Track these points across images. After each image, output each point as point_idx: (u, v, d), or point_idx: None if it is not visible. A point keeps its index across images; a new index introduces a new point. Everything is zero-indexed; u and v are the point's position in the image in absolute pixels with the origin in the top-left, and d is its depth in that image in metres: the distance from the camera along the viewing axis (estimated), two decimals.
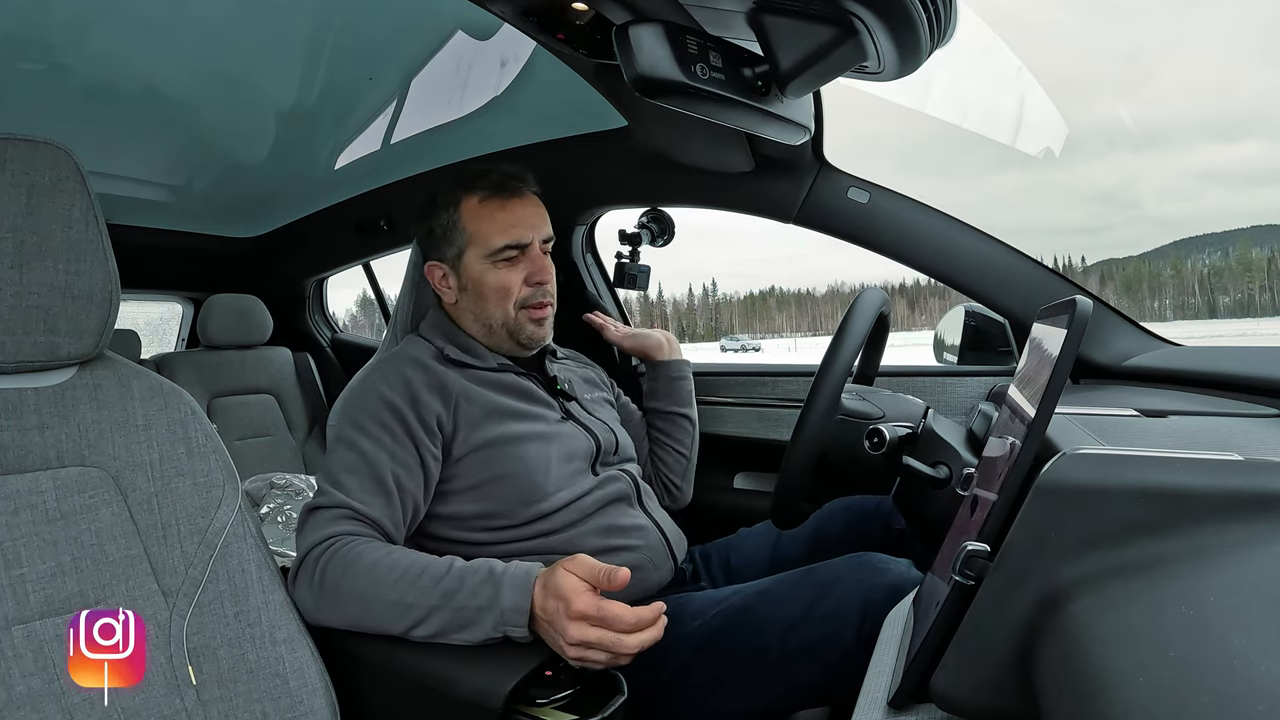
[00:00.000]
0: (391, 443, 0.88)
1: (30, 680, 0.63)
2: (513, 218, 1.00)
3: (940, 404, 1.35)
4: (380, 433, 0.89)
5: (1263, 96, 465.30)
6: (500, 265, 1.00)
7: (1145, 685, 0.29)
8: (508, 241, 0.99)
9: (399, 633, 0.75)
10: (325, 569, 0.78)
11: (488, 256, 1.00)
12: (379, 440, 0.88)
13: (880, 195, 1.30)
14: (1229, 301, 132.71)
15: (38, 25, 1.13)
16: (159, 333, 2.65)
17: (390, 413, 0.90)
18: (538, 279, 1.00)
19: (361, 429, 0.89)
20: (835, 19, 0.69)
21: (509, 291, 1.00)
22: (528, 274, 1.00)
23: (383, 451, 0.88)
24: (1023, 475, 0.43)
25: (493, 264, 1.00)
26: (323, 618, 0.78)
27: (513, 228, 0.99)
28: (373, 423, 0.89)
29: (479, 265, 1.00)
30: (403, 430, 0.89)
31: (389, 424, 0.89)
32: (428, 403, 0.92)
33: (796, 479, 0.88)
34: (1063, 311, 0.49)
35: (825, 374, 0.87)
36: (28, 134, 0.69)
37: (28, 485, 0.68)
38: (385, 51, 1.30)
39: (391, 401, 0.91)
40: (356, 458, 0.87)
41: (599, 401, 1.14)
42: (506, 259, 1.00)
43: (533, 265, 1.00)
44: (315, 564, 0.79)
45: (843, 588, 0.82)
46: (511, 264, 1.00)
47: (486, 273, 1.00)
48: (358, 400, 0.93)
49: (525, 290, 1.00)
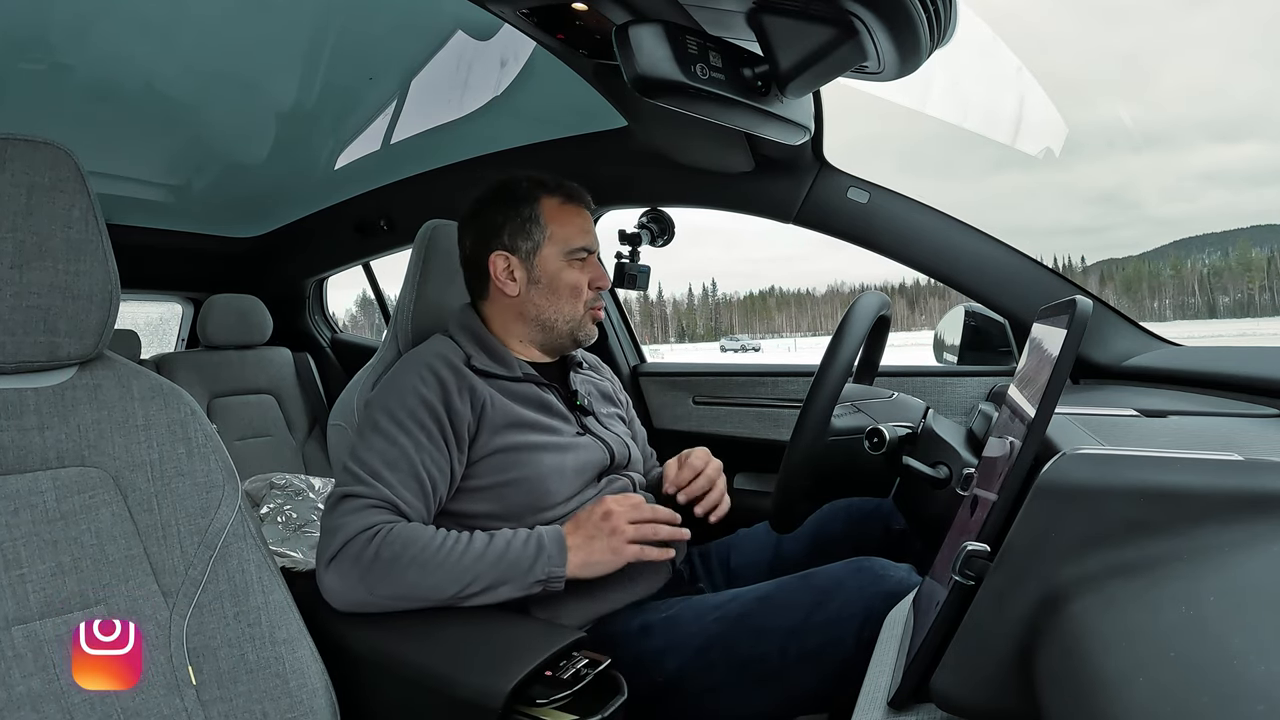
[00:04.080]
0: (428, 441, 0.91)
1: (30, 680, 0.63)
2: (584, 224, 1.06)
3: (940, 404, 1.35)
4: (418, 431, 0.91)
5: (1263, 97, 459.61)
6: (574, 265, 1.04)
7: (1145, 685, 0.29)
8: (584, 245, 1.05)
9: (451, 595, 0.82)
10: (380, 547, 0.82)
11: (566, 254, 1.04)
12: (416, 438, 0.91)
13: (880, 195, 1.30)
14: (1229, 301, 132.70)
15: (38, 25, 1.13)
16: (159, 333, 2.65)
17: (428, 412, 0.92)
18: (599, 283, 1.06)
19: (400, 424, 0.91)
20: (835, 19, 0.69)
21: (581, 290, 1.05)
22: (592, 278, 1.06)
23: (421, 450, 0.91)
24: (1023, 475, 0.43)
25: (568, 262, 1.04)
26: (369, 594, 0.81)
27: (587, 233, 1.06)
28: (411, 420, 0.92)
29: (557, 262, 1.04)
30: (438, 430, 0.92)
31: (426, 423, 0.92)
32: (459, 408, 0.95)
33: (795, 484, 0.88)
34: (1063, 311, 0.49)
35: (820, 383, 0.86)
36: (28, 134, 0.69)
37: (28, 485, 0.68)
38: (385, 51, 1.31)
39: (429, 401, 0.93)
40: (398, 453, 0.90)
41: (612, 417, 1.14)
42: (579, 260, 1.05)
43: (595, 271, 1.06)
44: (366, 546, 0.82)
45: (843, 594, 0.82)
46: (583, 266, 1.05)
47: (563, 270, 1.04)
48: (396, 395, 0.94)
49: (589, 293, 1.06)
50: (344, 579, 0.82)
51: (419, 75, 1.38)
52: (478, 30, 1.22)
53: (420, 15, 1.19)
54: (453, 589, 0.82)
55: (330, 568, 0.82)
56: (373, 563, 0.81)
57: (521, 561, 0.85)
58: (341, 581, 0.82)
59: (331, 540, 0.83)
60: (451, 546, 0.84)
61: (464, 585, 0.82)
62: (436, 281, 1.12)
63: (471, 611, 0.83)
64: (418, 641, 0.79)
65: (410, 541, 0.83)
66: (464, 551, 0.84)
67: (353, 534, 0.83)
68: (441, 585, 0.82)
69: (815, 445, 0.86)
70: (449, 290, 1.12)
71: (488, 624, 0.82)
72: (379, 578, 0.81)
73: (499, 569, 0.84)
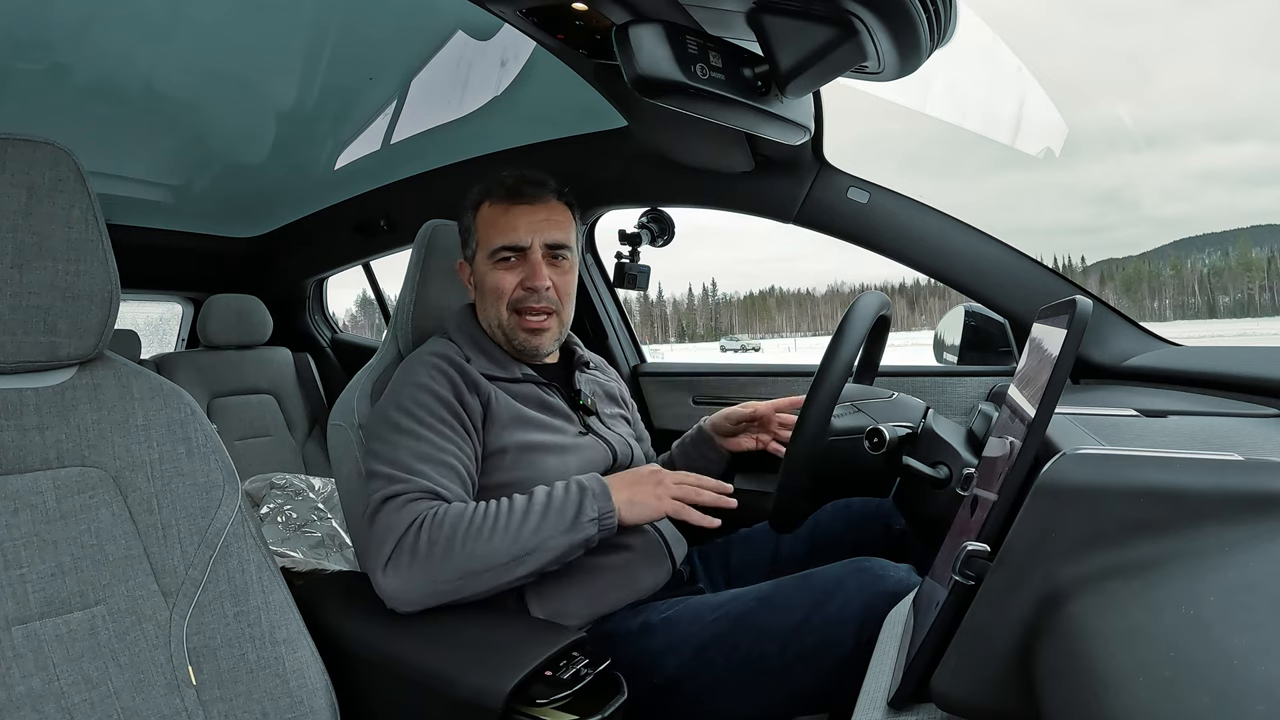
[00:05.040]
0: (451, 433, 0.92)
1: (30, 680, 0.63)
2: (513, 222, 1.01)
3: (940, 404, 1.35)
4: (440, 424, 0.92)
5: (1262, 98, 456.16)
6: (498, 266, 1.02)
7: (1145, 685, 0.29)
8: (504, 243, 1.01)
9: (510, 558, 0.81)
10: (431, 532, 0.81)
11: (489, 257, 1.02)
12: (440, 430, 0.91)
13: (880, 195, 1.30)
14: (1229, 301, 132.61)
15: (38, 25, 1.13)
16: (159, 333, 2.65)
17: (444, 406, 0.93)
18: (529, 283, 1.01)
19: (420, 420, 0.91)
20: (835, 19, 0.69)
21: (502, 292, 1.02)
22: (523, 278, 1.02)
23: (447, 440, 0.91)
24: (1023, 475, 0.43)
25: (492, 265, 1.02)
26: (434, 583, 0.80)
27: (511, 230, 1.01)
28: (430, 415, 0.92)
29: (483, 266, 1.03)
30: (456, 422, 0.93)
31: (445, 416, 0.92)
32: (470, 401, 0.95)
33: (795, 484, 0.88)
34: (1063, 311, 0.49)
35: (820, 383, 0.86)
36: (28, 134, 0.69)
37: (28, 485, 0.68)
38: (385, 51, 1.30)
39: (443, 396, 0.94)
40: (428, 447, 0.89)
41: (615, 417, 1.14)
42: (503, 260, 1.02)
43: (529, 269, 1.01)
44: (418, 538, 0.81)
45: (843, 594, 0.82)
46: (509, 266, 1.02)
47: (487, 273, 1.03)
48: (410, 394, 0.94)
49: (519, 293, 1.02)
50: (406, 578, 0.80)
51: (419, 75, 1.38)
52: (478, 30, 1.22)
53: (420, 15, 1.19)
54: (511, 550, 0.81)
55: (388, 571, 0.81)
56: (430, 550, 0.80)
57: (568, 507, 0.84)
58: (404, 580, 0.80)
59: (383, 544, 0.82)
60: (497, 510, 0.84)
61: (522, 545, 0.82)
62: (436, 281, 1.12)
63: (471, 611, 0.83)
64: (418, 641, 0.79)
65: (459, 518, 0.83)
66: (510, 510, 0.84)
67: (403, 531, 0.82)
68: (499, 550, 0.81)
69: (815, 445, 0.86)
70: (449, 290, 1.12)
71: (488, 624, 0.82)
72: (439, 562, 0.80)
73: (549, 519, 0.83)
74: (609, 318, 1.75)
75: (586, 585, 0.94)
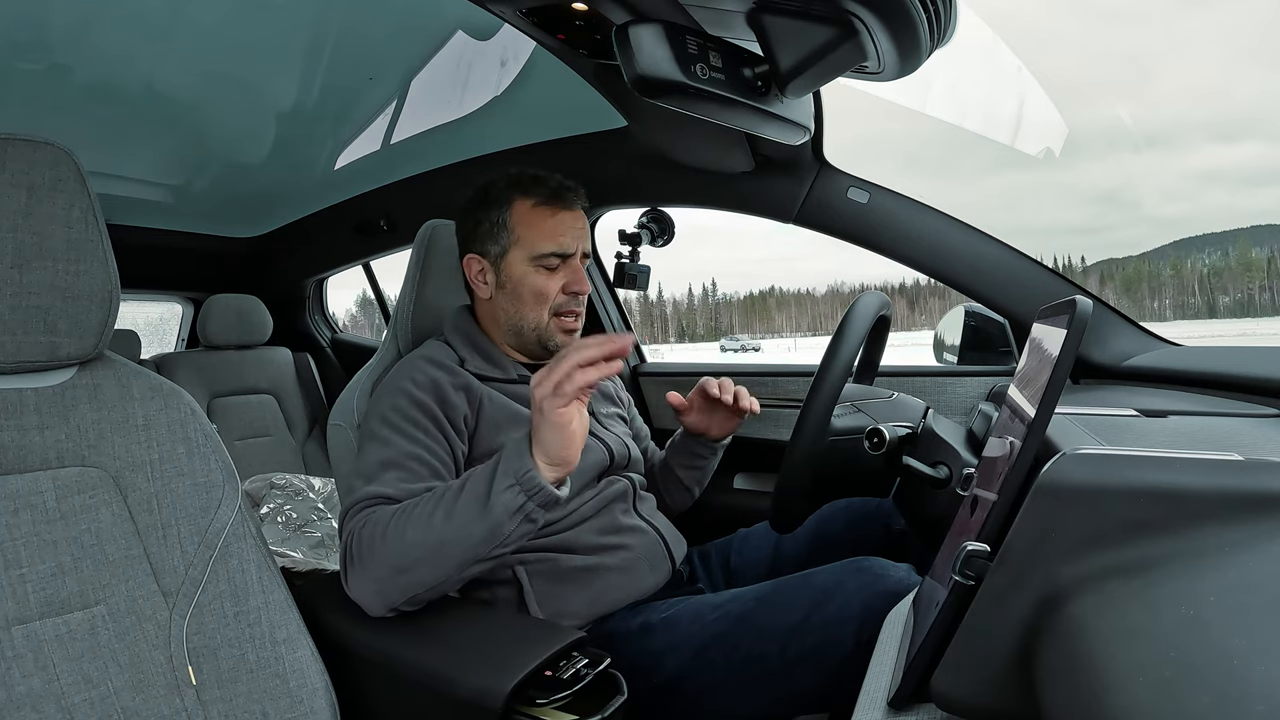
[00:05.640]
0: (424, 436, 0.91)
1: (30, 680, 0.63)
2: (561, 226, 1.02)
3: (940, 404, 1.35)
4: (413, 428, 0.91)
5: (1262, 98, 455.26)
6: (541, 270, 1.02)
7: (1145, 685, 0.29)
8: (553, 249, 1.01)
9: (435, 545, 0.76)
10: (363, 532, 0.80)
11: (531, 260, 1.01)
12: (411, 434, 0.90)
13: (880, 195, 1.30)
14: (1229, 301, 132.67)
15: (38, 25, 1.13)
16: (159, 333, 2.65)
17: (420, 410, 0.92)
18: (574, 288, 1.02)
19: (394, 426, 0.91)
20: (835, 19, 0.69)
21: (546, 296, 1.01)
22: (566, 282, 1.02)
23: (416, 444, 0.90)
24: (1023, 475, 0.43)
25: (534, 268, 1.02)
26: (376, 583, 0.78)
27: (560, 236, 1.01)
28: (405, 420, 0.91)
29: (521, 267, 1.02)
30: (432, 424, 0.92)
31: (420, 420, 0.92)
32: (455, 403, 0.94)
33: (795, 484, 0.88)
34: (1063, 311, 0.49)
35: (820, 383, 0.86)
36: (28, 134, 0.69)
37: (27, 485, 0.68)
38: (385, 51, 1.30)
39: (420, 400, 0.93)
40: (393, 453, 0.89)
41: (612, 417, 1.14)
42: (548, 265, 1.02)
43: (572, 275, 1.03)
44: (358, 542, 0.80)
45: (843, 594, 0.82)
46: (552, 271, 1.02)
47: (527, 275, 1.02)
48: (389, 400, 0.94)
49: (561, 298, 1.02)
50: (357, 580, 0.79)
51: (419, 75, 1.38)
52: (478, 30, 1.22)
53: (420, 15, 1.19)
54: (434, 537, 0.76)
55: (347, 578, 0.81)
56: (363, 550, 0.79)
57: (482, 480, 0.77)
58: (356, 583, 0.80)
59: (342, 553, 0.82)
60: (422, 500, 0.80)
61: (445, 531, 0.76)
62: (436, 281, 1.12)
63: (471, 611, 0.83)
64: (418, 641, 0.79)
65: (391, 514, 0.80)
66: (431, 496, 0.80)
67: (348, 537, 0.82)
68: (422, 537, 0.77)
69: (815, 445, 0.86)
70: (449, 290, 1.12)
71: (488, 624, 0.82)
72: (370, 560, 0.78)
73: (469, 496, 0.77)
74: (609, 318, 1.75)
75: (586, 585, 0.94)
